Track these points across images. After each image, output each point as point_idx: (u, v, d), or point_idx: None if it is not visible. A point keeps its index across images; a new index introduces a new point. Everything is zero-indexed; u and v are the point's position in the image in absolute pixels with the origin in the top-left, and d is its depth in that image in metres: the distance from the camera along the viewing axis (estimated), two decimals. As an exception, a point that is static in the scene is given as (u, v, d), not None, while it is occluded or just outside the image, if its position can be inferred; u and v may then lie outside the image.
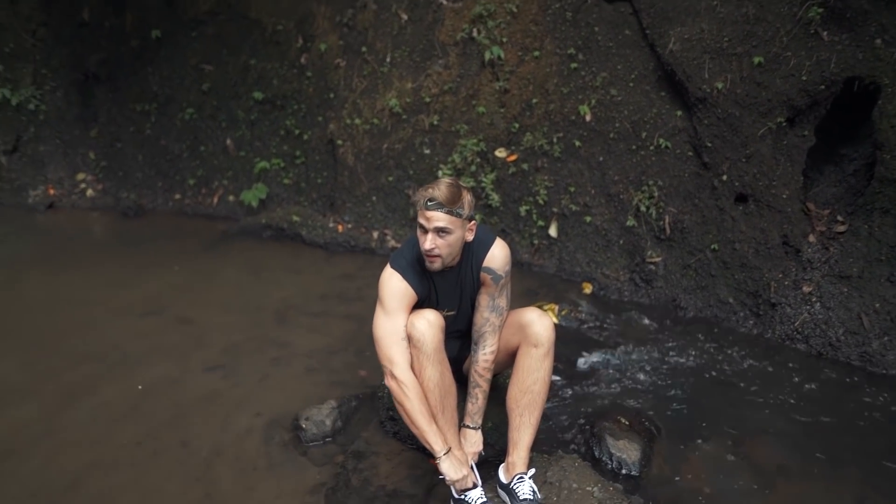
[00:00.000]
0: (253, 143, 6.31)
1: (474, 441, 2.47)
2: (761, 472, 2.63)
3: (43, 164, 6.85)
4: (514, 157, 4.90)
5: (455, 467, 2.22)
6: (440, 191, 2.10)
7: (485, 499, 2.24)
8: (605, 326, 3.99)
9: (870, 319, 3.50)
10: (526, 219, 4.89)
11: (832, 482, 2.58)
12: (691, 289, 4.20)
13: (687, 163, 4.28)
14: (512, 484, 2.26)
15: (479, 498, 2.24)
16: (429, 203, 2.10)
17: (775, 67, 3.87)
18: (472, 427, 2.48)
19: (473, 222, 2.24)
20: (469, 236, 2.25)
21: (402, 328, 2.27)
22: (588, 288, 4.48)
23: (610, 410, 2.99)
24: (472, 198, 2.24)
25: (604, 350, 3.67)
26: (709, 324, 4.02)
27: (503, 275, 2.35)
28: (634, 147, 4.46)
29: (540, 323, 2.32)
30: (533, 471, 2.30)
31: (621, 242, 4.54)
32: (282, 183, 6.13)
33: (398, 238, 5.32)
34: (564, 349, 3.52)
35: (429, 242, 2.13)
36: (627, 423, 2.84)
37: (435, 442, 2.21)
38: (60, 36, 6.93)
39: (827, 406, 3.12)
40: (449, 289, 2.39)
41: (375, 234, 5.40)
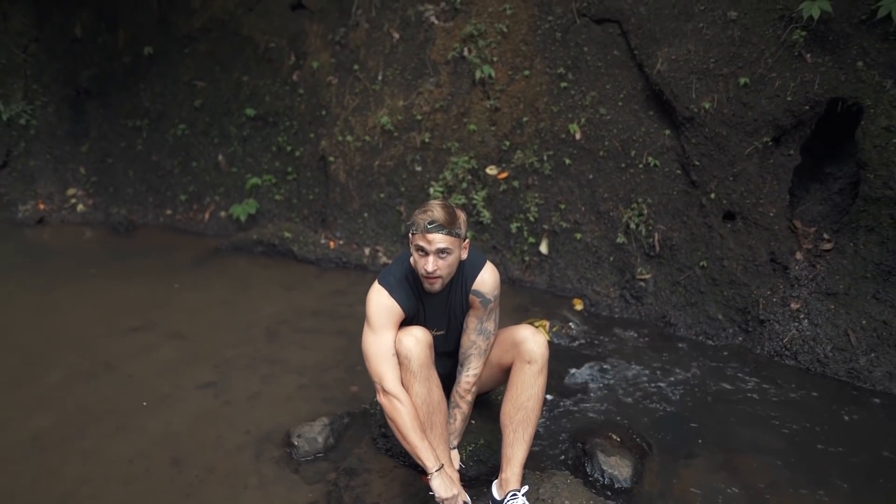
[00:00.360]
0: (245, 160, 6.33)
1: (452, 460, 2.48)
2: (752, 488, 2.65)
3: (33, 179, 6.83)
4: (505, 175, 4.94)
5: (446, 485, 2.22)
6: (438, 213, 2.13)
7: (477, 516, 2.24)
8: (596, 343, 4.02)
9: (857, 336, 3.55)
10: (517, 236, 4.92)
11: (822, 498, 2.60)
12: (681, 305, 4.23)
13: (675, 181, 4.34)
14: (505, 500, 2.26)
15: (471, 515, 2.24)
16: (429, 226, 2.12)
17: (761, 88, 3.94)
18: (450, 447, 2.49)
19: (467, 241, 2.28)
20: (464, 254, 2.28)
21: (391, 344, 2.29)
22: (579, 304, 4.51)
23: (601, 427, 3.01)
24: (465, 216, 2.28)
25: (595, 366, 3.69)
26: (698, 340, 4.06)
27: (492, 298, 2.38)
28: (624, 165, 4.52)
29: (534, 340, 2.34)
30: (526, 487, 2.31)
31: (611, 259, 4.58)
32: (273, 199, 6.14)
33: (389, 254, 5.33)
34: (555, 365, 3.53)
35: (431, 265, 2.15)
36: (619, 440, 2.85)
37: (427, 458, 2.22)
38: (52, 51, 6.94)
39: (816, 422, 3.15)
40: (437, 308, 2.41)
41: (367, 251, 5.42)
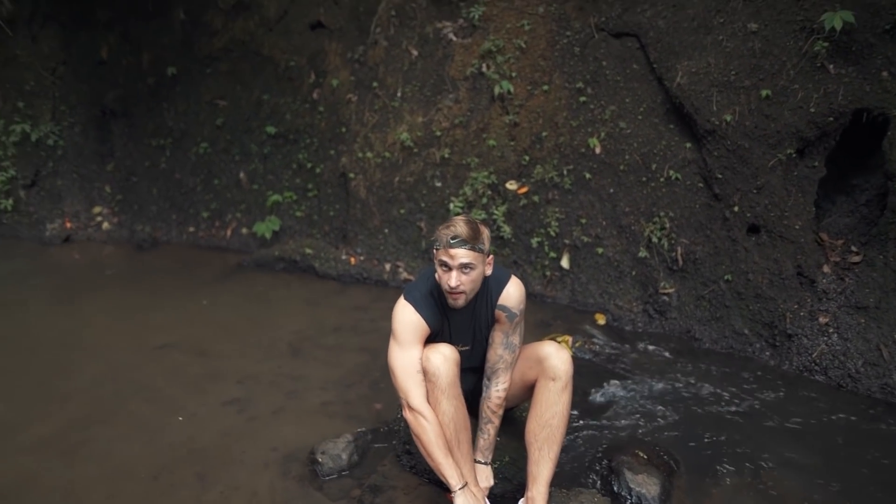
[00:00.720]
0: (266, 177, 6.41)
1: (485, 476, 2.47)
2: (784, 507, 2.60)
3: (60, 198, 6.97)
4: (525, 190, 4.94)
5: (470, 503, 2.20)
6: (461, 228, 2.13)
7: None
8: (620, 358, 3.98)
9: (889, 351, 3.47)
10: (538, 250, 4.91)
11: (857, 517, 2.54)
12: (706, 320, 4.18)
13: (698, 194, 4.31)
14: (532, 519, 2.24)
15: (498, 534, 2.22)
16: (452, 241, 2.13)
17: (783, 100, 3.91)
18: (483, 462, 2.48)
19: (491, 256, 2.28)
20: (488, 270, 2.28)
21: (417, 360, 2.29)
22: (601, 319, 4.48)
23: (627, 444, 2.96)
24: (489, 232, 2.28)
25: (619, 382, 3.65)
26: (724, 355, 4.00)
27: (518, 313, 2.37)
28: (645, 179, 4.50)
29: (558, 356, 2.32)
30: (553, 506, 2.28)
31: (634, 273, 4.54)
32: (294, 216, 6.20)
33: (410, 270, 5.34)
34: (579, 381, 3.48)
35: (454, 280, 2.15)
36: (646, 457, 2.81)
37: (451, 476, 2.21)
38: (79, 73, 7.11)
39: (848, 439, 3.07)
40: (463, 324, 2.41)
41: (388, 267, 5.43)
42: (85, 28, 7.05)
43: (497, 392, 2.44)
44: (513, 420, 2.80)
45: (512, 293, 2.35)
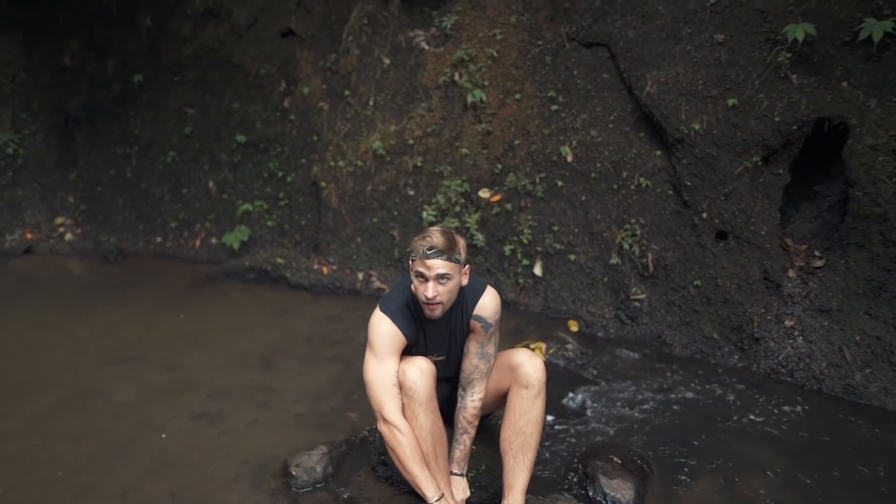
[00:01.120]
0: (236, 186, 6.32)
1: (461, 488, 2.47)
2: (755, 509, 2.63)
3: (21, 209, 6.78)
4: (498, 198, 4.97)
5: (447, 514, 2.20)
6: (437, 239, 2.13)
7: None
8: (593, 364, 4.01)
9: (851, 352, 3.57)
10: (511, 258, 4.93)
11: (825, 517, 2.59)
12: (676, 325, 4.24)
13: (667, 201, 4.38)
14: (509, 527, 2.24)
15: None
16: (428, 251, 2.12)
17: (749, 109, 4.01)
18: (459, 474, 2.48)
19: (468, 266, 2.28)
20: (464, 280, 2.28)
21: (394, 373, 2.27)
22: (574, 325, 4.51)
23: (602, 449, 2.98)
24: (465, 242, 2.28)
25: (592, 388, 3.68)
26: (695, 359, 4.06)
27: (493, 323, 2.38)
28: (616, 186, 4.56)
29: (530, 364, 2.33)
30: (530, 514, 2.28)
31: (605, 280, 4.59)
32: (265, 225, 6.13)
33: (383, 279, 5.32)
34: (553, 387, 3.48)
35: (430, 290, 2.14)
36: (620, 462, 2.82)
37: (427, 488, 2.20)
38: (41, 80, 6.95)
39: (815, 439, 3.14)
40: (438, 334, 2.40)
41: (360, 276, 5.40)
42: (47, 33, 6.89)
43: (473, 402, 2.43)
44: (488, 428, 2.79)
45: (487, 303, 2.35)
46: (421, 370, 2.25)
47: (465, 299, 2.35)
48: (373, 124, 5.52)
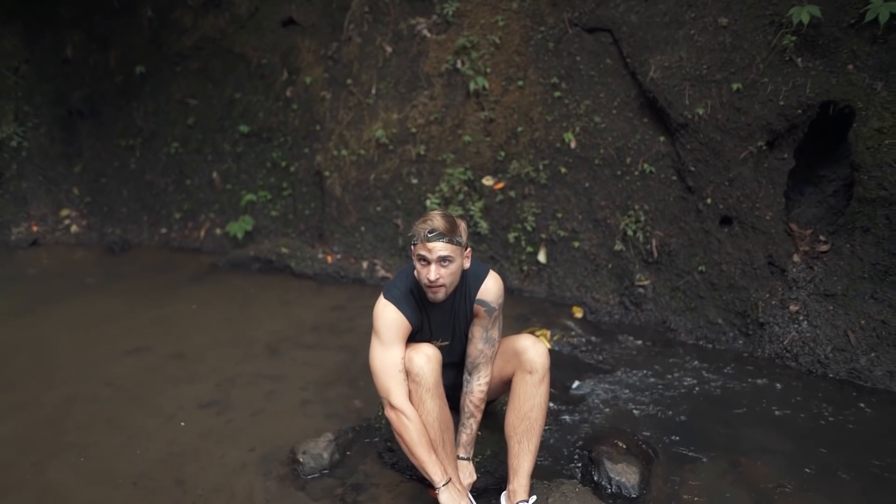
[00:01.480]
0: (239, 176, 6.33)
1: (468, 472, 2.48)
2: (760, 492, 2.64)
3: (26, 201, 6.80)
4: (502, 185, 4.96)
5: (455, 499, 2.21)
6: (438, 222, 2.14)
7: (487, 528, 2.23)
8: (598, 350, 4.02)
9: (856, 336, 3.57)
10: (515, 245, 4.93)
11: (830, 499, 2.60)
12: (681, 310, 4.25)
13: (672, 187, 4.37)
14: (515, 512, 2.25)
15: (481, 528, 2.23)
16: (429, 235, 2.13)
17: (753, 93, 3.98)
18: (465, 458, 2.49)
19: (469, 249, 2.29)
20: (466, 263, 2.28)
21: (399, 359, 2.29)
22: (579, 312, 4.52)
23: (607, 434, 3.00)
24: (466, 225, 2.29)
25: (597, 373, 3.69)
26: (699, 345, 4.07)
27: (496, 307, 2.39)
28: (619, 172, 4.55)
29: (534, 349, 2.34)
30: (534, 498, 2.30)
31: (610, 266, 4.59)
32: (269, 215, 6.13)
33: (388, 268, 5.33)
34: (558, 374, 3.53)
35: (433, 273, 2.16)
36: (625, 447, 2.84)
37: (434, 472, 2.21)
38: (43, 73, 6.94)
39: (820, 423, 3.15)
40: (442, 319, 2.41)
41: (365, 264, 5.41)
42: (49, 26, 6.88)
43: (479, 386, 2.45)
44: (493, 414, 2.81)
45: (490, 287, 2.36)
46: (427, 356, 2.26)
47: (468, 284, 2.36)
48: (375, 113, 5.51)
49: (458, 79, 5.18)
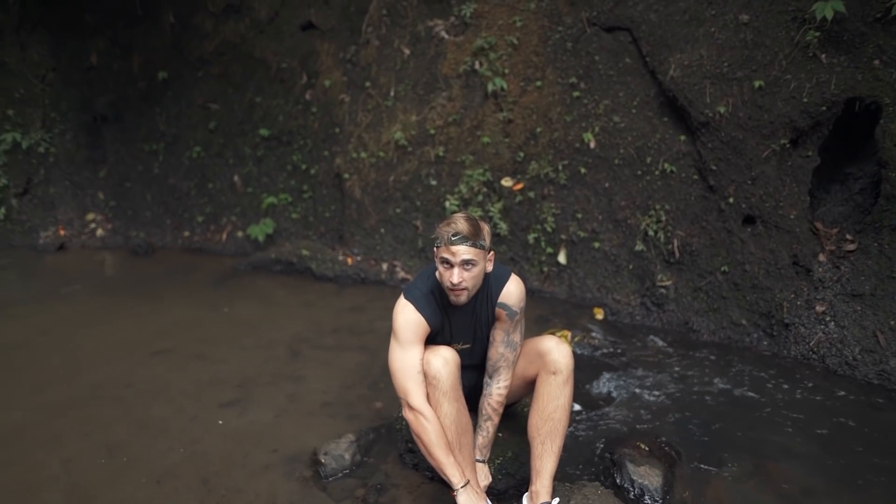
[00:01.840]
0: (260, 179, 6.39)
1: (484, 474, 2.47)
2: (785, 495, 2.60)
3: (53, 206, 6.94)
4: (521, 186, 4.95)
5: (472, 501, 2.21)
6: (462, 225, 2.13)
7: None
8: (619, 351, 3.99)
9: (885, 337, 3.49)
10: (535, 246, 4.92)
11: (857, 503, 2.55)
12: (703, 311, 4.20)
13: (693, 186, 4.32)
14: (537, 514, 2.24)
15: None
16: (453, 238, 2.13)
17: (776, 90, 3.93)
18: (481, 460, 2.48)
19: (492, 253, 2.28)
20: (489, 266, 2.28)
21: (418, 360, 2.29)
22: (600, 313, 4.48)
23: (629, 436, 2.97)
24: (489, 228, 2.28)
25: (619, 375, 3.66)
26: (723, 346, 4.02)
27: (518, 310, 2.38)
28: (640, 172, 4.51)
29: (558, 350, 2.33)
30: (557, 499, 2.28)
31: (631, 267, 4.55)
32: (290, 218, 6.19)
33: (408, 269, 5.34)
34: (580, 375, 3.50)
35: (456, 276, 2.15)
36: (647, 449, 2.81)
37: (453, 474, 2.21)
38: (69, 80, 7.08)
39: (848, 426, 3.09)
40: (463, 322, 2.41)
41: (385, 266, 5.43)
42: (73, 34, 7.01)
43: (498, 390, 2.44)
44: (514, 415, 2.80)
45: (512, 291, 2.36)
46: (445, 359, 2.26)
47: (490, 287, 2.35)
48: (394, 115, 5.53)
49: (477, 80, 5.18)
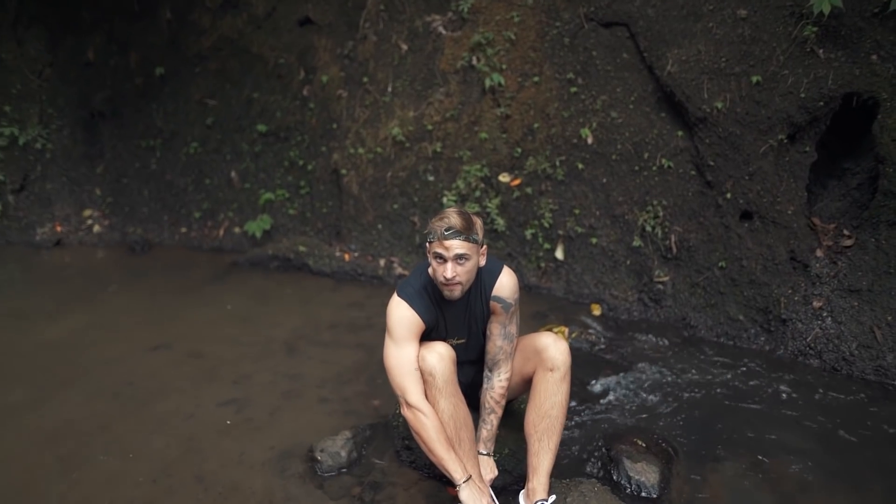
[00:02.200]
0: (257, 175, 6.37)
1: (489, 468, 2.47)
2: (782, 492, 2.61)
3: (50, 202, 6.91)
4: (518, 182, 4.93)
5: (475, 496, 2.20)
6: (455, 219, 2.14)
7: (506, 527, 2.22)
8: (616, 347, 3.99)
9: (882, 333, 3.49)
10: (532, 242, 4.91)
11: (854, 499, 2.55)
12: (700, 307, 4.19)
13: (690, 182, 4.31)
14: (533, 510, 2.24)
15: (500, 526, 2.22)
16: (446, 232, 2.13)
17: (773, 86, 3.92)
18: (486, 454, 2.48)
19: (485, 247, 2.28)
20: (482, 261, 2.28)
21: (414, 357, 2.29)
22: (597, 309, 4.48)
23: (626, 432, 2.97)
24: (482, 223, 2.28)
25: (616, 371, 3.66)
26: (720, 342, 4.02)
27: (512, 302, 2.38)
28: (637, 168, 4.50)
29: (555, 347, 2.33)
30: (554, 497, 2.29)
31: (628, 263, 4.55)
32: (287, 213, 6.17)
33: (405, 265, 5.33)
34: (577, 371, 3.48)
35: (450, 271, 2.15)
36: (644, 445, 2.81)
37: (454, 469, 2.20)
38: (66, 76, 7.05)
39: (845, 422, 3.09)
40: (457, 317, 2.41)
41: (382, 262, 5.42)
42: (71, 30, 6.98)
43: (500, 382, 2.44)
44: (512, 412, 2.80)
45: (505, 283, 2.36)
46: (440, 355, 2.26)
47: (483, 281, 2.35)
48: (391, 111, 5.51)
49: (474, 75, 5.16)
